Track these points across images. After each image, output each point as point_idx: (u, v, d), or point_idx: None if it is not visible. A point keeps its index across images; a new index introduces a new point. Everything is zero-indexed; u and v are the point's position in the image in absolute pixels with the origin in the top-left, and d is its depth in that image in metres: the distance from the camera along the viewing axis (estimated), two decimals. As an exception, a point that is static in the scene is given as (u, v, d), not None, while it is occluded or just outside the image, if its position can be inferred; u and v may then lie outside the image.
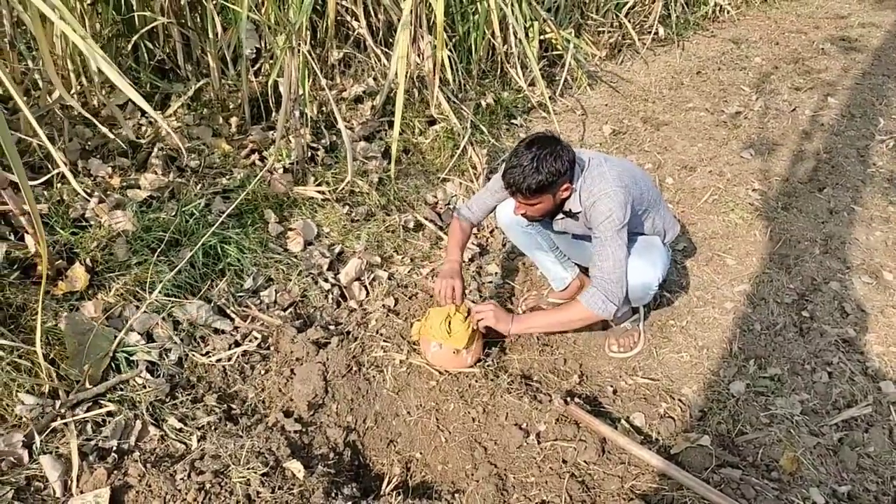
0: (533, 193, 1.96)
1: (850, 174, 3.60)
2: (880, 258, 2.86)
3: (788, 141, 4.07)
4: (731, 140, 4.11)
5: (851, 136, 4.12)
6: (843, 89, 4.91)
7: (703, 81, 5.27)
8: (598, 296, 1.97)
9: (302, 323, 2.36)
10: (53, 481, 1.69)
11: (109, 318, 2.14)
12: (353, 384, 2.13)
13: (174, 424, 1.93)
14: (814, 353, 2.34)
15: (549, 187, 1.96)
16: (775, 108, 4.59)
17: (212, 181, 2.88)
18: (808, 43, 6.18)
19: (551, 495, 1.76)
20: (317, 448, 1.97)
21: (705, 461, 1.89)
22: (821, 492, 1.82)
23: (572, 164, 2.00)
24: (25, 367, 1.93)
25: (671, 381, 2.27)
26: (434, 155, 3.52)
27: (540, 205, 2.03)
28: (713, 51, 6.04)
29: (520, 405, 2.01)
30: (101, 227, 2.41)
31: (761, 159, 3.82)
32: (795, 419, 2.07)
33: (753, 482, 1.82)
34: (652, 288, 2.20)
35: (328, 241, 2.79)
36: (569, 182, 2.02)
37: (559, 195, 2.04)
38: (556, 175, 1.94)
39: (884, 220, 3.15)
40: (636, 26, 5.99)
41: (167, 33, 3.52)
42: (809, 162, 3.78)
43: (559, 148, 1.96)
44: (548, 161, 1.92)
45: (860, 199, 3.35)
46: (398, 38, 3.06)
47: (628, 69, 5.54)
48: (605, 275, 1.98)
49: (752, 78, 5.29)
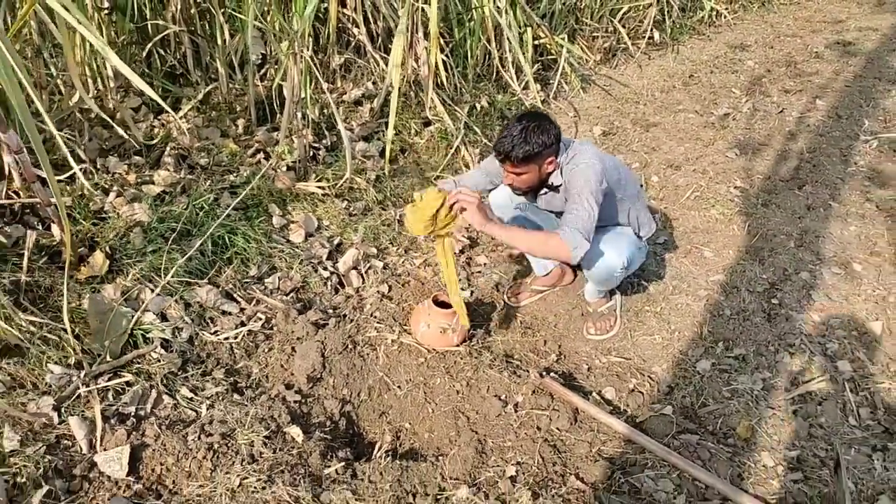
0: (521, 162, 2.15)
1: (830, 173, 3.76)
2: (852, 251, 3.02)
3: (774, 141, 4.23)
4: (717, 140, 4.27)
5: (836, 136, 4.27)
6: (833, 91, 5.05)
7: (695, 84, 5.43)
8: (577, 235, 2.07)
9: (302, 306, 2.56)
10: (80, 439, 1.89)
11: (127, 299, 2.34)
12: (348, 361, 2.33)
13: (186, 394, 2.13)
14: (778, 336, 2.52)
15: (536, 157, 2.16)
16: (763, 110, 4.75)
17: (220, 178, 3.09)
18: (802, 47, 6.31)
19: (525, 458, 1.95)
20: (315, 417, 2.17)
21: (667, 428, 2.08)
22: (771, 456, 2.01)
23: (558, 139, 2.21)
24: (54, 342, 2.13)
25: (643, 360, 2.45)
26: (429, 154, 3.72)
27: (526, 175, 2.22)
28: (707, 55, 6.19)
29: (500, 379, 2.20)
30: (119, 219, 2.62)
31: (745, 158, 3.99)
32: (755, 394, 2.24)
33: (709, 446, 2.00)
34: (616, 272, 2.38)
35: (328, 234, 2.99)
36: (554, 156, 2.22)
37: (544, 168, 2.24)
38: (542, 146, 2.14)
39: (860, 216, 3.30)
40: (631, 31, 6.15)
41: (178, 41, 3.74)
42: (792, 161, 3.94)
43: (547, 123, 2.17)
44: (536, 133, 2.12)
45: (838, 195, 3.51)
46: (394, 46, 3.26)
47: (622, 73, 5.71)
48: (578, 221, 2.09)
49: (743, 81, 5.44)
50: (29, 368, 2.06)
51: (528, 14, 4.69)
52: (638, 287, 2.82)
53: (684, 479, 1.90)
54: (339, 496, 1.80)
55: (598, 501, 1.79)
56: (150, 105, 3.55)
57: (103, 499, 1.76)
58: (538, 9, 5.26)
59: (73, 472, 1.82)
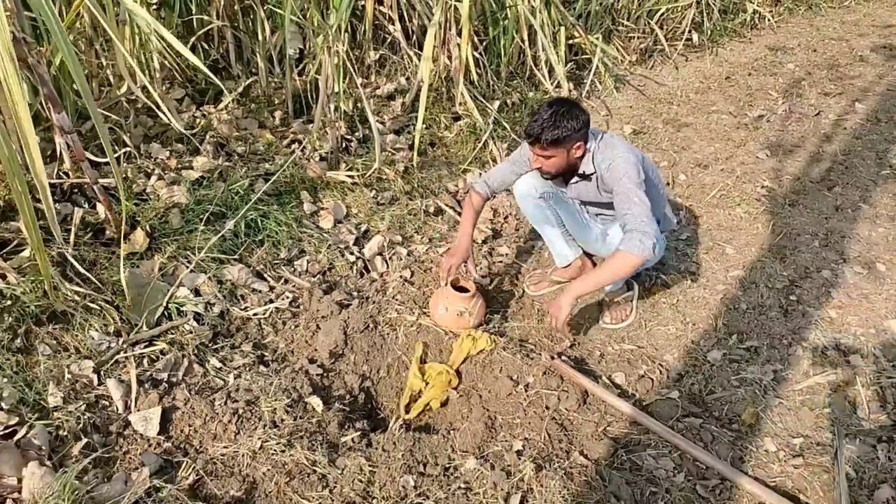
0: (549, 145, 2.25)
1: (863, 175, 3.72)
2: (877, 252, 3.00)
3: (807, 143, 4.19)
4: (748, 141, 4.25)
5: (873, 139, 4.21)
6: (874, 95, 4.96)
7: (731, 86, 5.39)
8: (634, 237, 2.16)
9: (328, 287, 2.67)
10: (116, 400, 2.03)
11: (164, 274, 2.49)
12: (369, 339, 2.43)
13: (215, 364, 2.26)
14: (793, 330, 2.53)
15: (564, 141, 2.25)
16: (799, 112, 4.70)
17: (256, 166, 3.23)
18: (847, 50, 6.18)
19: (532, 434, 2.02)
20: (335, 390, 2.27)
21: (672, 412, 2.12)
22: (774, 442, 2.03)
23: (586, 125, 2.29)
24: (96, 311, 2.29)
25: (655, 349, 2.49)
26: (457, 148, 3.81)
27: (554, 158, 2.31)
28: (747, 57, 6.11)
29: (513, 360, 2.27)
30: (160, 200, 2.78)
31: (776, 159, 3.97)
32: (764, 384, 2.27)
33: (713, 430, 2.04)
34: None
35: (355, 221, 3.10)
36: (582, 142, 2.31)
37: (573, 152, 2.32)
38: (570, 131, 2.23)
39: (889, 218, 3.27)
40: (669, 32, 6.14)
41: (221, 35, 3.91)
42: (825, 163, 3.91)
43: (576, 110, 2.27)
44: (565, 118, 2.22)
45: (869, 197, 3.48)
46: (426, 42, 3.36)
47: (658, 73, 5.70)
48: (635, 217, 2.19)
49: (781, 83, 5.36)
50: (73, 334, 2.22)
51: (562, 14, 4.74)
52: (656, 280, 2.85)
53: (685, 459, 1.95)
54: (353, 462, 1.90)
55: (599, 476, 1.85)
56: (192, 97, 3.73)
57: (136, 454, 1.89)
58: (574, 9, 5.30)
59: (110, 429, 1.95)
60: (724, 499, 1.84)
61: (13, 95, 1.89)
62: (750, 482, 1.83)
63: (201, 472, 1.84)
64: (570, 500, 1.75)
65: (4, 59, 1.83)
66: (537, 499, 1.76)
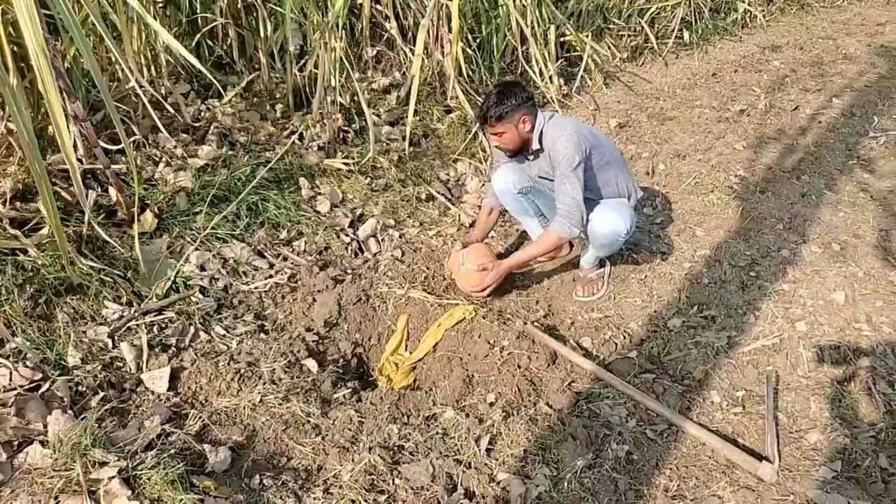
0: (496, 121, 2.52)
1: (830, 164, 3.92)
2: (835, 234, 3.20)
3: (783, 136, 4.39)
4: (727, 133, 4.45)
5: (845, 132, 4.40)
6: (852, 91, 5.14)
7: (717, 82, 5.57)
8: (563, 222, 2.49)
9: (324, 265, 2.88)
10: (129, 361, 2.25)
11: (172, 252, 2.71)
12: (361, 311, 2.65)
13: (219, 332, 2.47)
14: (749, 301, 2.74)
15: (509, 116, 2.51)
16: (779, 107, 4.89)
17: (257, 155, 3.44)
18: (833, 48, 6.35)
19: (505, 389, 2.23)
20: (330, 355, 2.49)
21: (630, 369, 2.35)
22: (719, 395, 2.26)
23: (528, 100, 2.54)
24: (110, 283, 2.50)
25: (622, 318, 2.71)
26: (449, 139, 4.02)
27: (506, 134, 2.57)
28: (735, 55, 6.27)
29: (490, 327, 2.48)
30: (167, 185, 2.99)
31: (751, 151, 4.16)
32: (717, 347, 2.49)
33: (665, 383, 2.27)
34: (621, 236, 2.65)
35: (351, 206, 3.31)
36: (527, 116, 2.54)
37: (520, 126, 2.56)
38: (512, 106, 2.49)
39: (850, 204, 3.47)
40: (660, 31, 6.32)
41: (225, 32, 4.12)
42: (797, 154, 4.11)
43: (516, 88, 2.54)
44: (505, 96, 2.50)
45: (834, 185, 3.68)
46: (418, 38, 3.57)
47: (647, 70, 5.88)
48: (565, 207, 2.49)
49: (766, 80, 5.54)
50: (89, 304, 2.43)
51: (553, 12, 4.95)
52: (628, 258, 3.07)
53: (638, 409, 2.17)
54: (343, 413, 2.11)
55: (560, 422, 2.06)
56: (197, 91, 3.95)
57: (147, 407, 2.10)
58: (566, 7, 5.50)
59: (124, 386, 2.16)
60: (669, 441, 2.06)
61: (47, 87, 2.10)
62: (694, 427, 2.04)
63: (207, 421, 2.05)
64: (532, 441, 1.97)
65: (39, 56, 2.05)
66: (504, 440, 1.98)
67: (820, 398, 2.22)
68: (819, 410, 2.17)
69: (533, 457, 1.95)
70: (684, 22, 6.34)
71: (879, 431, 2.08)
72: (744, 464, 1.95)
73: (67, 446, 1.78)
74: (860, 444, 2.05)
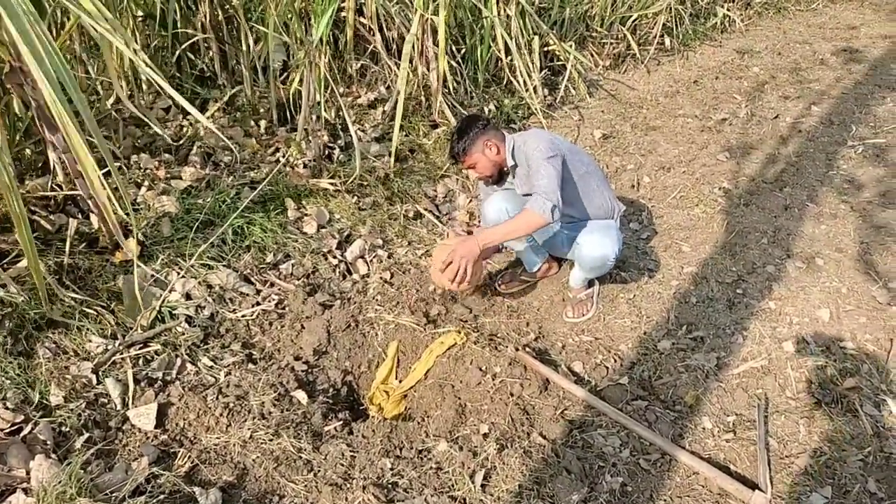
0: (463, 154, 2.64)
1: (811, 175, 3.96)
2: (818, 247, 3.24)
3: (765, 145, 4.43)
4: (710, 144, 4.49)
5: (825, 141, 4.46)
6: (830, 98, 5.21)
7: (699, 90, 5.62)
8: (539, 201, 2.39)
9: (312, 289, 2.85)
10: (115, 397, 2.20)
11: (156, 280, 2.66)
12: (351, 337, 2.62)
13: (206, 363, 2.43)
14: (736, 321, 2.77)
15: (472, 146, 2.62)
16: (760, 115, 4.94)
17: (242, 174, 3.40)
18: (810, 53, 6.43)
19: (498, 418, 2.22)
20: (319, 385, 2.46)
21: (622, 396, 2.36)
22: (710, 420, 2.28)
23: (486, 124, 2.65)
24: (92, 316, 2.45)
25: (612, 339, 2.72)
26: (436, 155, 4.00)
27: (478, 163, 2.66)
28: (715, 61, 6.34)
29: (482, 353, 2.47)
30: (150, 209, 2.94)
31: (734, 161, 4.20)
32: (707, 369, 2.51)
33: (657, 411, 2.28)
34: (609, 260, 2.66)
35: (338, 226, 3.28)
36: (491, 139, 2.64)
37: (487, 152, 2.65)
38: (471, 137, 2.61)
39: (832, 216, 3.51)
40: (642, 37, 6.35)
41: (207, 46, 4.07)
42: (779, 164, 4.15)
43: (472, 120, 2.67)
44: (463, 130, 2.64)
45: (815, 196, 3.72)
46: (403, 54, 3.55)
47: (630, 78, 5.91)
48: (542, 188, 2.41)
49: (746, 87, 5.60)
50: (71, 338, 2.37)
51: (536, 22, 4.95)
52: (616, 277, 3.08)
53: (631, 437, 2.18)
54: (335, 448, 2.09)
55: (554, 454, 2.06)
56: (179, 106, 3.88)
57: (134, 446, 2.06)
58: (549, 17, 5.51)
59: (109, 424, 2.12)
60: (663, 470, 2.07)
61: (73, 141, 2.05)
62: (687, 455, 2.06)
63: (196, 461, 2.02)
64: (527, 475, 1.96)
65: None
66: (499, 474, 1.98)
67: (809, 421, 2.24)
68: (808, 434, 2.20)
69: (528, 492, 1.94)
70: (665, 28, 6.38)
71: (868, 455, 2.11)
72: (737, 493, 1.96)
73: (52, 496, 1.74)
74: (849, 469, 2.07)
